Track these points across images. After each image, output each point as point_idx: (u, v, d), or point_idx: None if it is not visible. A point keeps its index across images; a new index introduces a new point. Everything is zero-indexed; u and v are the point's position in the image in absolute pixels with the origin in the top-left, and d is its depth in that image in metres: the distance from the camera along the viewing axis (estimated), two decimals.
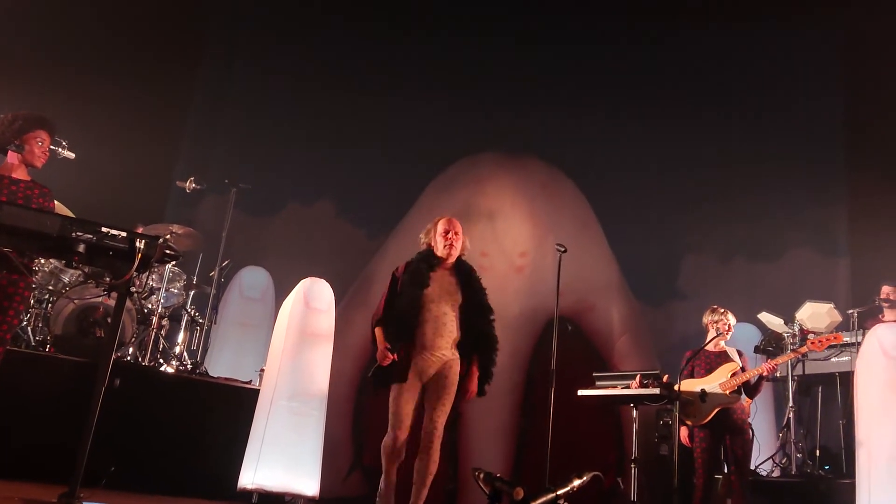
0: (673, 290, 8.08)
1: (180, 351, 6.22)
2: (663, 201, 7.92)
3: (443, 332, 4.15)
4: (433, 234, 4.37)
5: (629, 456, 4.94)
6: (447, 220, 4.39)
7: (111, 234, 3.18)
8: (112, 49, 7.31)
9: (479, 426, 3.82)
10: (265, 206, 7.95)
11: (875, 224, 7.23)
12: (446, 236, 4.30)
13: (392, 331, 4.14)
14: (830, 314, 6.09)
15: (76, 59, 7.04)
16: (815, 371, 6.22)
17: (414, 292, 4.16)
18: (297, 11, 8.61)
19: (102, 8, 7.18)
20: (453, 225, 4.37)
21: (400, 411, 4.09)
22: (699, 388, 4.94)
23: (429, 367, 4.15)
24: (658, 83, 8.26)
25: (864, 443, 4.78)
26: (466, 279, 4.34)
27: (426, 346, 4.13)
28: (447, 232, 4.32)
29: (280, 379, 5.07)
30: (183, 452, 4.97)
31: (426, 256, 4.34)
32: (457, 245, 4.32)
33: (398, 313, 4.16)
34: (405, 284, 4.21)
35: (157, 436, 4.93)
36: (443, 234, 4.31)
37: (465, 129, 7.96)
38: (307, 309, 5.26)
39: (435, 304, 4.17)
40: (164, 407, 5.05)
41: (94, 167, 5.78)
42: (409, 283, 4.19)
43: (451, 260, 4.33)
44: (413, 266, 4.29)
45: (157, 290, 6.06)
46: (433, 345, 4.13)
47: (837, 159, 8.11)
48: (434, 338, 4.13)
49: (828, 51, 8.38)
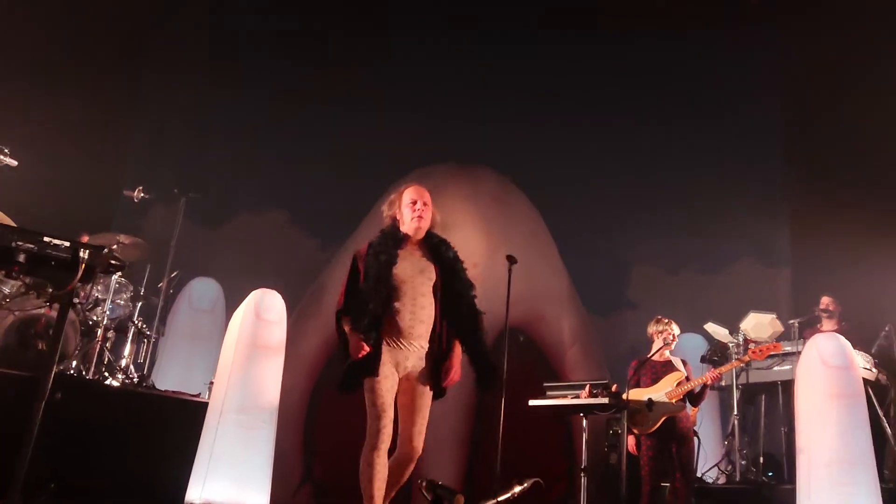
0: (622, 301, 8.23)
1: (126, 364, 6.07)
2: (612, 214, 8.07)
3: (422, 315, 3.62)
4: (398, 205, 3.82)
5: (579, 465, 5.00)
6: (414, 189, 3.84)
7: (53, 244, 3.11)
8: (58, 55, 7.14)
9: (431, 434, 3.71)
10: (215, 215, 7.86)
11: (815, 237, 7.49)
12: (413, 207, 3.76)
13: (361, 318, 3.53)
14: (773, 324, 6.27)
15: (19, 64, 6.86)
16: (759, 380, 6.38)
17: (382, 272, 3.58)
18: (247, 22, 8.56)
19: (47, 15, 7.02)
20: (421, 194, 3.82)
21: (382, 401, 3.52)
22: (646, 398, 5.04)
23: (406, 359, 3.61)
24: (606, 100, 8.45)
25: (805, 449, 4.93)
26: (438, 253, 3.80)
27: (402, 333, 3.59)
28: (414, 202, 3.77)
29: (229, 391, 4.99)
30: (128, 467, 4.84)
31: (391, 232, 3.78)
32: (426, 217, 3.78)
33: (366, 298, 3.55)
34: (370, 265, 3.62)
35: (101, 451, 4.80)
36: (410, 205, 3.77)
37: (418, 140, 8.00)
38: (258, 320, 5.19)
39: (408, 284, 3.64)
40: (109, 421, 4.93)
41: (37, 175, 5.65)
42: (375, 263, 3.61)
43: (419, 234, 3.79)
44: (377, 244, 3.71)
45: (103, 302, 5.91)
46: (411, 332, 3.59)
47: (779, 174, 8.41)
48: (412, 323, 3.60)
49: (768, 66, 8.67)
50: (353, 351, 3.51)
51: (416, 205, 3.76)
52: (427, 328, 3.64)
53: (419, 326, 3.61)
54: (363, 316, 3.53)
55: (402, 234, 3.77)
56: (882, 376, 5.89)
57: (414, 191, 3.83)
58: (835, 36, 7.68)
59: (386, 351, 3.57)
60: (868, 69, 7.38)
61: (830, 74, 7.75)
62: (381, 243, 3.71)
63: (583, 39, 8.60)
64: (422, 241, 3.82)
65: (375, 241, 3.73)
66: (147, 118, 8.29)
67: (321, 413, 7.15)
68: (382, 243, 3.71)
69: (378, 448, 3.47)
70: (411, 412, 3.62)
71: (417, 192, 3.82)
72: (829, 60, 7.75)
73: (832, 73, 7.74)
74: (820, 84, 7.90)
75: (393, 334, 3.59)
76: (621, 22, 8.47)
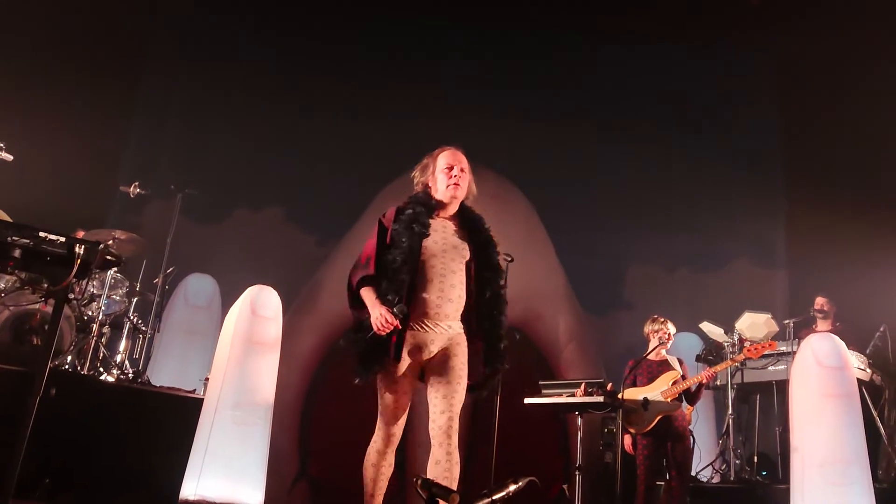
0: (619, 300, 8.23)
1: (121, 359, 6.07)
2: (610, 213, 8.08)
3: (451, 294, 3.21)
4: (432, 170, 3.42)
5: (575, 463, 5.01)
6: (451, 153, 3.43)
7: (49, 239, 3.09)
8: (55, 49, 7.13)
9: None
10: (212, 211, 7.83)
11: (811, 238, 7.52)
12: (449, 173, 3.35)
13: (390, 289, 3.14)
14: (768, 324, 6.29)
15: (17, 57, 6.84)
16: (754, 379, 6.39)
17: (412, 242, 3.19)
18: (245, 19, 8.54)
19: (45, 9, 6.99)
20: (459, 159, 3.40)
21: (395, 400, 3.20)
22: (642, 397, 5.05)
23: (431, 342, 3.20)
24: (606, 99, 8.45)
25: (799, 449, 4.95)
26: (474, 229, 3.41)
27: (429, 313, 3.18)
28: (450, 168, 3.36)
29: (225, 388, 4.99)
30: (123, 463, 4.83)
31: (423, 200, 3.36)
32: (463, 185, 3.37)
33: (398, 267, 3.15)
34: (398, 233, 3.23)
35: (95, 446, 4.80)
36: (445, 171, 3.36)
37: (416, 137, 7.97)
38: (254, 317, 5.18)
39: (438, 258, 3.23)
40: (104, 417, 4.91)
41: (34, 170, 5.63)
42: (407, 232, 3.21)
43: (454, 205, 3.40)
44: (407, 211, 3.29)
45: (98, 297, 5.90)
46: (438, 312, 3.18)
47: (776, 176, 8.45)
48: (440, 303, 3.18)
49: (766, 69, 8.70)
50: (379, 324, 3.06)
51: (453, 170, 3.36)
52: (456, 309, 3.24)
53: (447, 306, 3.20)
54: (393, 286, 3.14)
55: (436, 202, 3.37)
56: (876, 377, 5.92)
57: (450, 154, 3.42)
58: (833, 38, 7.70)
59: (408, 334, 3.16)
60: (866, 72, 7.42)
61: (829, 76, 7.79)
62: (413, 211, 3.29)
63: (581, 39, 8.61)
64: (456, 214, 3.43)
65: (405, 208, 3.32)
66: (144, 114, 8.27)
67: (317, 410, 7.15)
68: (413, 211, 3.29)
69: (386, 451, 3.24)
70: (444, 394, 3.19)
71: (454, 156, 3.41)
72: (827, 62, 7.78)
73: (830, 75, 7.78)
74: (818, 86, 7.93)
75: (418, 314, 3.18)
76: (620, 21, 8.48)
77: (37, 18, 6.99)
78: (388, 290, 3.14)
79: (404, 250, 3.18)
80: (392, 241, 3.25)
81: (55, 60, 7.09)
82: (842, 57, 7.63)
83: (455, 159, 3.39)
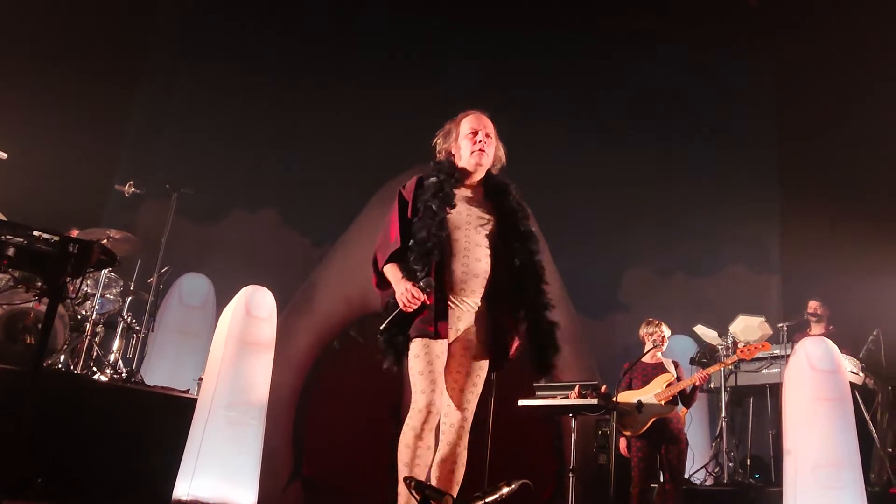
0: (614, 303, 8.25)
1: (115, 359, 6.06)
2: (605, 216, 8.09)
3: (476, 269, 3.00)
4: (455, 136, 3.20)
5: (568, 465, 5.01)
6: (475, 117, 3.20)
7: (43, 238, 3.09)
8: (51, 47, 7.11)
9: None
10: (208, 211, 7.82)
11: (806, 243, 7.56)
12: (474, 138, 3.13)
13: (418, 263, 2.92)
14: (762, 327, 6.31)
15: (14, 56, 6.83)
16: (747, 382, 6.41)
17: (438, 215, 2.98)
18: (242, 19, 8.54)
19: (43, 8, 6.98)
20: (484, 123, 3.18)
21: (429, 363, 2.87)
22: (636, 399, 5.06)
23: (458, 319, 3.00)
24: (602, 102, 8.49)
25: (792, 452, 4.97)
26: (500, 197, 3.18)
27: (454, 288, 2.98)
28: (475, 133, 3.14)
29: (218, 388, 4.98)
30: (116, 462, 4.82)
31: (447, 168, 3.14)
32: (489, 151, 3.14)
33: (425, 239, 2.94)
34: (421, 205, 3.01)
35: (88, 445, 4.79)
36: (469, 136, 3.14)
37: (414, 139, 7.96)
38: (248, 317, 5.18)
39: (462, 231, 3.03)
40: (97, 416, 4.91)
41: (28, 168, 5.63)
42: (429, 204, 3.00)
43: (480, 172, 3.18)
44: (431, 179, 3.08)
45: (92, 296, 5.89)
46: (464, 288, 2.99)
47: (771, 181, 8.49)
48: (465, 277, 2.98)
49: (764, 74, 8.74)
50: (405, 300, 2.87)
51: (478, 136, 3.13)
52: (481, 284, 3.01)
53: (473, 281, 2.99)
54: (420, 262, 2.92)
55: (460, 170, 3.15)
56: (869, 380, 5.94)
57: (475, 119, 3.19)
58: (831, 44, 7.75)
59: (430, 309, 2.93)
60: (863, 81, 7.45)
61: (826, 82, 7.82)
62: (436, 180, 3.06)
63: (581, 42, 8.63)
64: (481, 182, 3.20)
65: (427, 177, 3.10)
66: (141, 113, 8.26)
67: (311, 410, 7.14)
68: (438, 179, 3.06)
69: (422, 430, 2.83)
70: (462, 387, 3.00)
71: (479, 120, 3.19)
72: (825, 68, 7.82)
73: (828, 81, 7.81)
74: (815, 91, 7.97)
75: (444, 289, 2.98)
76: (619, 24, 8.51)
77: (35, 18, 6.98)
78: (414, 265, 2.93)
79: (429, 223, 2.96)
80: (415, 213, 3.03)
81: (52, 59, 7.07)
82: (840, 63, 7.68)
83: (480, 124, 3.17)
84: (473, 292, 3.01)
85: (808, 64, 8.10)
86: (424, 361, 2.87)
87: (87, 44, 7.42)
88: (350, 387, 6.97)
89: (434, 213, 2.97)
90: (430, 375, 2.85)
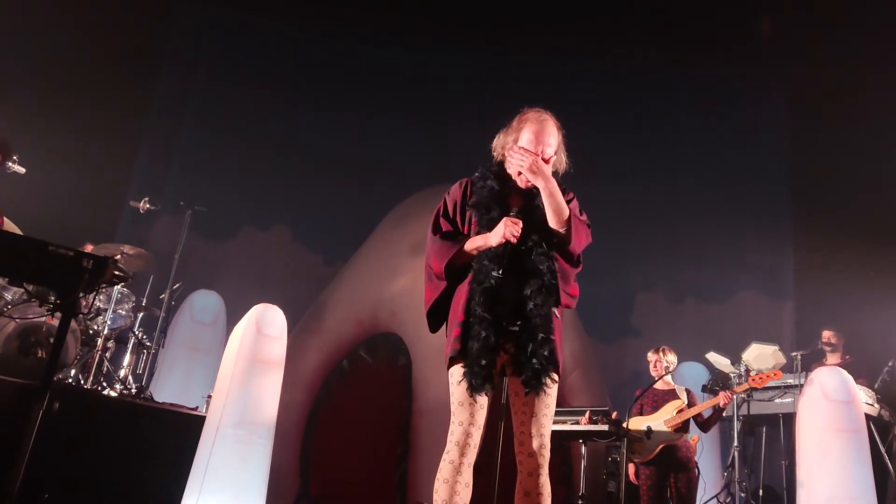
0: (626, 328, 8.19)
1: (125, 375, 6.06)
2: (618, 241, 8.06)
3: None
4: (514, 138, 2.92)
5: (578, 492, 4.96)
6: (538, 125, 2.89)
7: (58, 253, 3.11)
8: (68, 65, 7.22)
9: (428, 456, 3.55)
10: (220, 228, 7.87)
11: (819, 270, 7.49)
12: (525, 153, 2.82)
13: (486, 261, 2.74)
14: (775, 356, 6.24)
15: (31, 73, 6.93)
16: (760, 411, 6.34)
17: (494, 222, 2.77)
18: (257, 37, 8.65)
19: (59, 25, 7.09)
20: (546, 132, 2.88)
21: (473, 400, 2.65)
22: (645, 426, 5.01)
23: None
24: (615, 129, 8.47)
25: (805, 483, 4.89)
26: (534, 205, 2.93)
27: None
28: (538, 133, 2.87)
29: (227, 406, 4.97)
30: (124, 479, 4.81)
31: (499, 174, 2.93)
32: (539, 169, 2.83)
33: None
34: (476, 211, 2.84)
35: (96, 461, 4.77)
36: (521, 150, 2.84)
37: (425, 158, 8.02)
38: (259, 335, 5.18)
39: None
40: (106, 432, 4.90)
41: (45, 184, 5.68)
42: (485, 210, 2.82)
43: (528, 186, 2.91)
44: (487, 185, 2.88)
45: (104, 311, 5.91)
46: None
47: (784, 208, 8.41)
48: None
49: (776, 101, 8.72)
50: (509, 233, 2.71)
51: (542, 137, 2.87)
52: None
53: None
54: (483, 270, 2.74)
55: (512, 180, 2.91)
56: (885, 412, 5.85)
57: (537, 127, 2.87)
58: (843, 72, 7.74)
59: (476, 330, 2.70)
60: (875, 105, 7.42)
61: (838, 109, 7.79)
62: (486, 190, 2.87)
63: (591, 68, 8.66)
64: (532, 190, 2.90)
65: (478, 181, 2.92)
66: (155, 130, 8.35)
67: (319, 430, 7.12)
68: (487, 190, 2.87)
69: (461, 465, 2.63)
70: (533, 410, 2.74)
71: (540, 128, 2.87)
72: (836, 95, 7.81)
73: (840, 108, 7.79)
74: (827, 119, 7.94)
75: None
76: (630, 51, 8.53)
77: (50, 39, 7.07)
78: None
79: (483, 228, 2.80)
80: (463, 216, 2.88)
81: (68, 77, 7.18)
82: (851, 90, 7.66)
83: (540, 134, 2.86)
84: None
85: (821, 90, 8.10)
86: (462, 390, 2.66)
87: (103, 62, 7.52)
88: (359, 407, 6.95)
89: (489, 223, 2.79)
90: (469, 408, 2.65)
